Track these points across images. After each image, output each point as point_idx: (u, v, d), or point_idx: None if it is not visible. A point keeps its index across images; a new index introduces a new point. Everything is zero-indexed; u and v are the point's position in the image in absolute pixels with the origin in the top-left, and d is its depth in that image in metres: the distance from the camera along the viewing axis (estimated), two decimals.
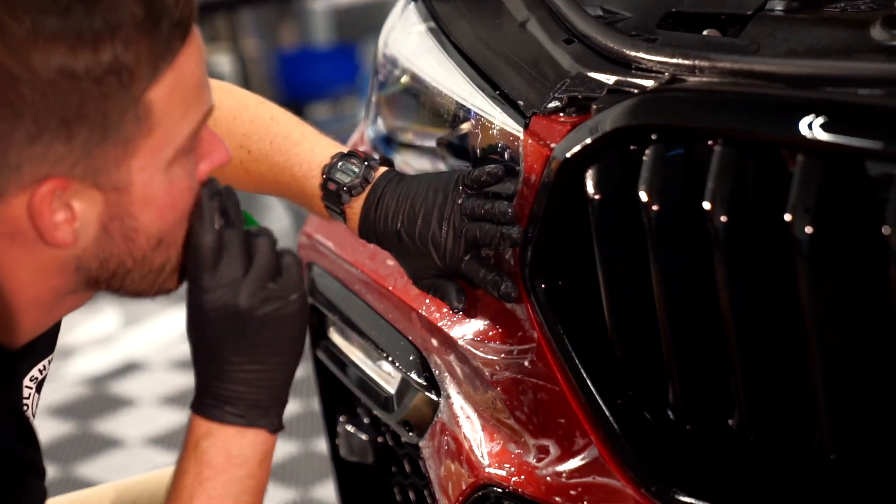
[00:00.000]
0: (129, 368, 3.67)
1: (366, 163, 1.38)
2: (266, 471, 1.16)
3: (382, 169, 1.38)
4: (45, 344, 1.23)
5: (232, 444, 1.13)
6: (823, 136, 1.06)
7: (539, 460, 1.29)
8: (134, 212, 1.08)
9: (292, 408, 3.32)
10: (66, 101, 1.02)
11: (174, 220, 1.11)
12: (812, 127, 1.07)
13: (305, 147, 1.42)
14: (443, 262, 1.32)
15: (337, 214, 1.39)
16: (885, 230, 1.01)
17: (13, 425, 1.09)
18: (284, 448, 3.13)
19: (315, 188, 1.39)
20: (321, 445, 2.99)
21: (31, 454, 1.12)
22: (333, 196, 1.38)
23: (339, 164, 1.38)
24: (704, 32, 1.35)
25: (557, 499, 1.27)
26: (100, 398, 3.45)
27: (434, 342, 1.43)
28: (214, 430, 1.13)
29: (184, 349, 4.08)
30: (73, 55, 1.01)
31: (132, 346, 3.81)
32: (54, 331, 1.24)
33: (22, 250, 1.07)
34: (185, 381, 3.55)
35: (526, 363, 1.29)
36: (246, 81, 5.78)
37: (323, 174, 1.39)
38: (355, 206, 1.37)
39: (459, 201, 1.31)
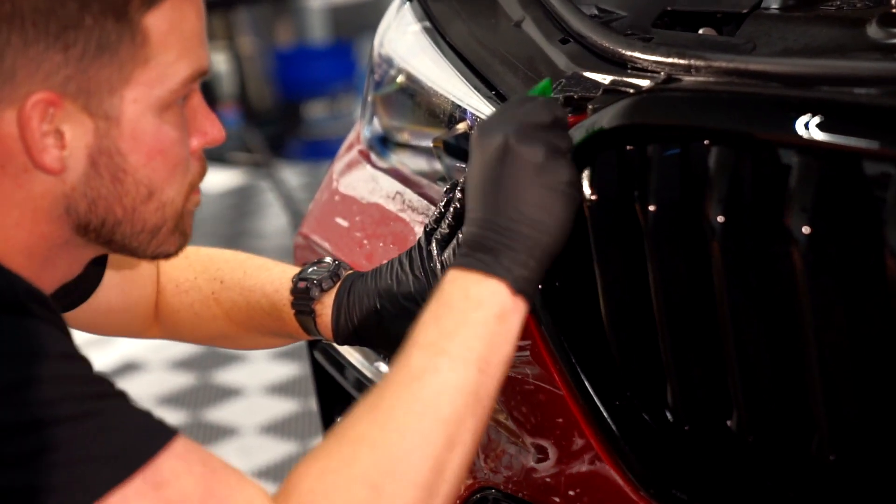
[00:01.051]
0: (126, 368, 3.67)
1: (336, 262, 1.39)
2: (508, 333, 1.11)
3: (351, 270, 1.39)
4: None
5: (471, 287, 1.12)
6: (820, 135, 1.05)
7: (537, 462, 1.29)
8: (123, 148, 1.10)
9: (290, 408, 3.32)
10: (65, 9, 1.06)
11: (164, 171, 1.13)
12: (808, 126, 1.06)
13: (277, 270, 1.44)
14: None
15: (306, 316, 1.37)
16: (885, 230, 1.00)
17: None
18: (282, 448, 3.13)
19: (285, 298, 1.40)
20: None
21: None
22: (303, 295, 1.37)
23: (310, 268, 1.39)
24: (700, 31, 1.35)
25: (556, 500, 1.27)
26: None
27: None
28: (459, 275, 1.13)
29: (181, 349, 4.09)
30: None
31: (129, 346, 3.81)
32: None
33: (11, 183, 1.09)
34: (183, 380, 3.55)
35: (523, 364, 1.29)
36: (242, 80, 5.79)
37: (293, 280, 1.39)
38: (326, 301, 1.37)
39: (431, 246, 1.30)
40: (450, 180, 1.50)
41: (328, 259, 1.41)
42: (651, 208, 1.16)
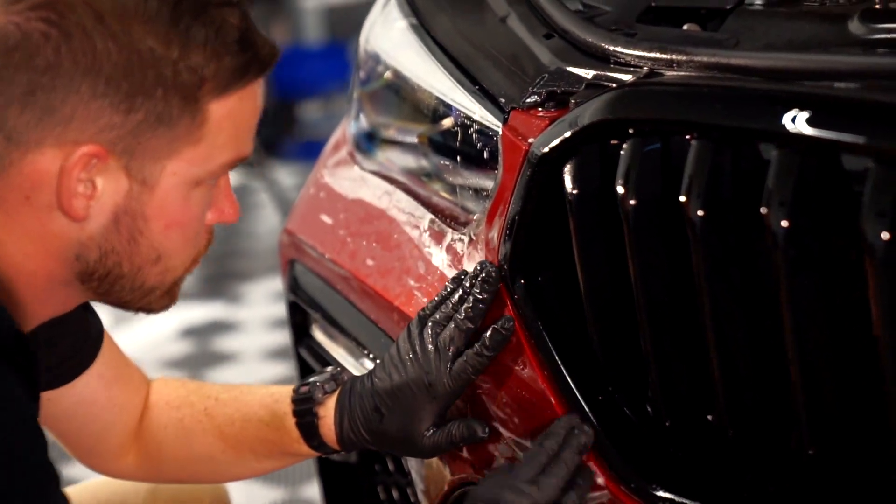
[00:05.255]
0: None
1: (337, 368, 1.40)
2: None
3: (351, 375, 1.39)
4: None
5: None
6: (800, 129, 1.05)
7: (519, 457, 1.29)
8: (148, 214, 1.12)
9: None
10: (142, 76, 1.07)
11: (179, 241, 1.15)
12: (788, 120, 1.06)
13: (275, 387, 1.44)
14: (434, 384, 1.28)
15: (310, 421, 1.37)
16: (862, 224, 1.00)
17: (42, 435, 1.08)
18: None
19: (286, 406, 1.39)
20: None
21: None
22: (305, 398, 1.37)
23: (311, 377, 1.40)
24: (684, 27, 1.35)
25: None
26: None
27: None
28: None
29: (174, 348, 4.07)
30: (166, 45, 1.08)
31: (122, 346, 3.80)
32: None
33: (33, 216, 1.10)
34: None
35: (506, 359, 1.29)
36: None
37: (294, 388, 1.40)
38: (328, 404, 1.37)
39: (425, 331, 1.30)
40: (435, 176, 1.50)
41: (329, 367, 1.43)
42: (632, 202, 1.16)
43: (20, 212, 1.09)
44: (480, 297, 1.27)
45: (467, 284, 1.29)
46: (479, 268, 1.29)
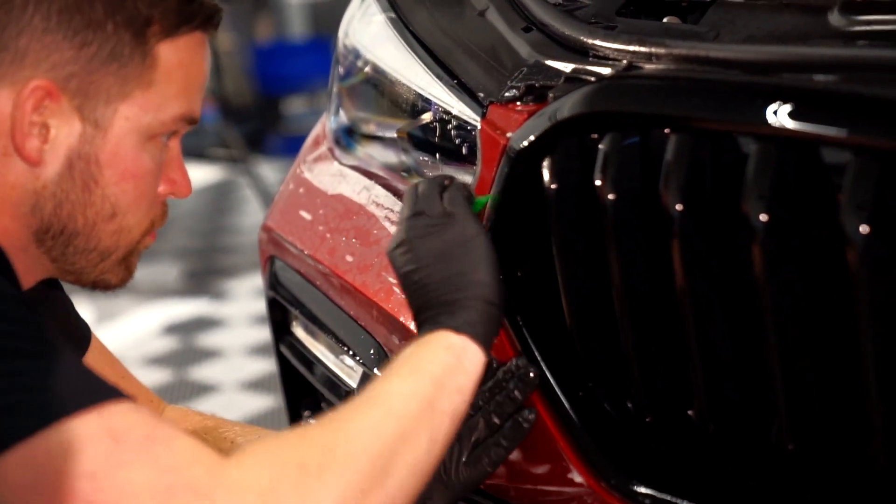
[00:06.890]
0: None
1: None
2: (457, 360, 1.12)
3: None
4: None
5: (420, 339, 1.15)
6: (780, 122, 1.04)
7: None
8: (101, 160, 1.12)
9: (260, 404, 3.31)
10: (91, 9, 1.09)
11: (132, 195, 1.14)
12: (769, 113, 1.05)
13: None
14: (448, 470, 1.23)
15: None
16: (841, 217, 0.99)
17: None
18: None
19: None
20: None
21: None
22: None
23: None
24: (664, 20, 1.34)
25: (517, 491, 1.26)
26: None
27: (394, 337, 1.41)
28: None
29: (158, 345, 4.04)
30: None
31: (106, 343, 3.78)
32: None
33: None
34: (159, 377, 3.53)
35: None
36: (220, 75, 5.77)
37: None
38: None
39: None
40: (415, 171, 1.49)
41: None
42: (610, 197, 1.15)
43: None
44: (515, 396, 1.22)
45: (500, 376, 1.24)
46: (516, 365, 1.23)
